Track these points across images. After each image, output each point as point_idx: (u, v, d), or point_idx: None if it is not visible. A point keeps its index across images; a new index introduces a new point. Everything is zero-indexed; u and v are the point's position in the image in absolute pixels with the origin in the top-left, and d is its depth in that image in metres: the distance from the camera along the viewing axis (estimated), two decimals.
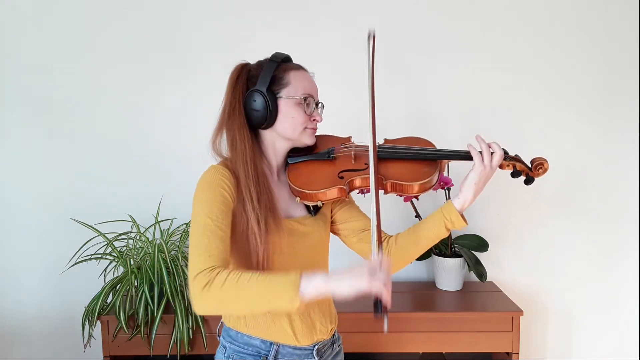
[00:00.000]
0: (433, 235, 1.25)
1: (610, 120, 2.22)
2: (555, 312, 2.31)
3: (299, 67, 1.26)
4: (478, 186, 1.20)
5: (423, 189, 1.22)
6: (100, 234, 1.95)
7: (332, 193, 1.22)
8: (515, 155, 1.30)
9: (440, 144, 1.33)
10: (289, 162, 1.29)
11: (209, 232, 1.10)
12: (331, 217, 1.37)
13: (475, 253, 2.10)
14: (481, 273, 2.03)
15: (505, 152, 1.26)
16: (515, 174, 1.28)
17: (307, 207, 1.31)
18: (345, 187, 1.22)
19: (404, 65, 2.19)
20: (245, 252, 1.18)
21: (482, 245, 2.10)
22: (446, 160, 1.30)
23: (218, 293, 1.03)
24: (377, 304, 1.02)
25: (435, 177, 1.24)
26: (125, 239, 1.98)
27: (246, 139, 1.21)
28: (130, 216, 2.06)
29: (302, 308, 1.01)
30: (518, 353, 1.90)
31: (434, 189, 1.92)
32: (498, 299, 2.05)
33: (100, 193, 2.21)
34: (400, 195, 1.24)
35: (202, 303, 1.05)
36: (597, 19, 2.17)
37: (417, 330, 1.90)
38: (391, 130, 2.08)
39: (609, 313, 2.31)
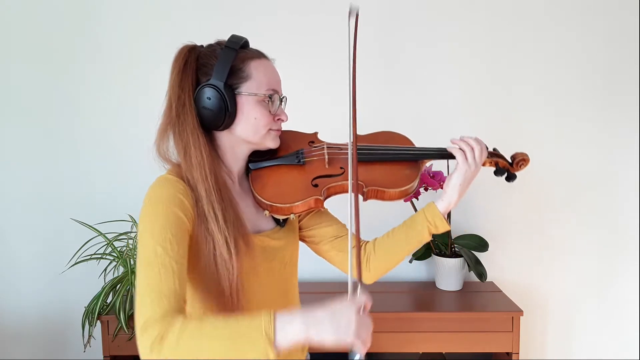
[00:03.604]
0: (416, 241, 1.14)
1: (610, 120, 2.22)
2: (555, 312, 2.31)
3: (260, 55, 1.06)
4: (463, 186, 1.10)
5: (405, 194, 1.13)
6: (100, 234, 1.95)
7: (307, 204, 1.08)
8: (494, 149, 1.23)
9: (441, 142, 1.25)
10: (251, 167, 1.12)
11: (160, 265, 0.88)
12: (299, 223, 1.22)
13: (475, 253, 2.10)
14: (481, 273, 2.03)
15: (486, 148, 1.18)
16: (498, 172, 1.21)
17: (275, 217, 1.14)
18: (321, 197, 1.08)
19: (403, 62, 2.19)
20: (214, 279, 0.99)
21: (482, 245, 2.10)
22: (427, 160, 1.19)
23: (173, 350, 0.81)
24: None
25: (417, 182, 1.14)
26: (125, 239, 1.98)
27: (202, 144, 1.01)
28: (130, 216, 2.06)
29: (279, 356, 0.82)
30: (518, 353, 1.90)
31: (433, 189, 1.93)
32: (498, 299, 2.05)
33: (100, 193, 2.21)
34: (379, 200, 1.14)
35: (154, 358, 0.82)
36: (598, 14, 2.17)
37: (417, 330, 1.90)
38: (390, 128, 2.07)
39: (609, 313, 2.31)
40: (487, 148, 1.16)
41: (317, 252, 1.24)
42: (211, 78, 1.01)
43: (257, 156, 1.13)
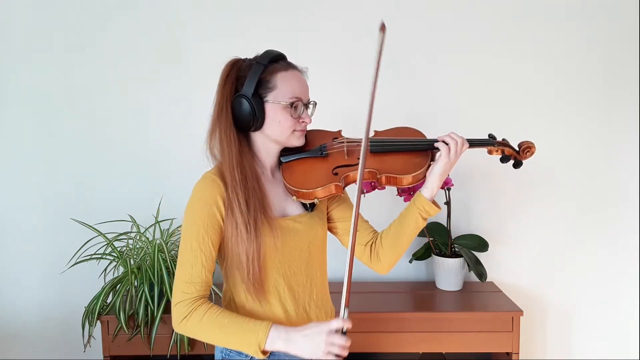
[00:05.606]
0: (413, 228, 1.28)
1: (610, 119, 2.22)
2: (555, 312, 2.31)
3: (287, 68, 1.24)
4: (442, 175, 1.25)
5: (416, 180, 1.26)
6: (100, 234, 1.95)
7: (329, 190, 1.24)
8: (503, 139, 1.35)
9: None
10: (282, 160, 1.30)
11: (193, 259, 1.16)
12: (327, 214, 1.38)
13: (475, 253, 2.10)
14: (481, 273, 2.03)
15: (494, 138, 1.34)
16: (504, 159, 1.33)
17: (304, 204, 1.31)
18: (340, 183, 1.25)
19: (407, 62, 2.19)
20: (236, 253, 1.20)
21: (482, 245, 2.10)
22: (435, 150, 1.31)
23: (194, 327, 1.15)
24: None
25: (426, 168, 1.27)
26: (125, 239, 1.98)
27: (233, 142, 1.21)
28: (130, 216, 2.06)
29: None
30: (518, 353, 1.90)
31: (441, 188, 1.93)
32: (498, 299, 2.05)
33: (100, 193, 2.21)
34: (394, 186, 1.29)
35: (180, 330, 1.17)
36: (597, 12, 2.17)
37: (417, 330, 1.90)
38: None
39: (609, 313, 2.30)
40: (494, 137, 1.33)
41: (342, 243, 1.40)
42: (243, 88, 1.20)
43: (287, 151, 1.30)
